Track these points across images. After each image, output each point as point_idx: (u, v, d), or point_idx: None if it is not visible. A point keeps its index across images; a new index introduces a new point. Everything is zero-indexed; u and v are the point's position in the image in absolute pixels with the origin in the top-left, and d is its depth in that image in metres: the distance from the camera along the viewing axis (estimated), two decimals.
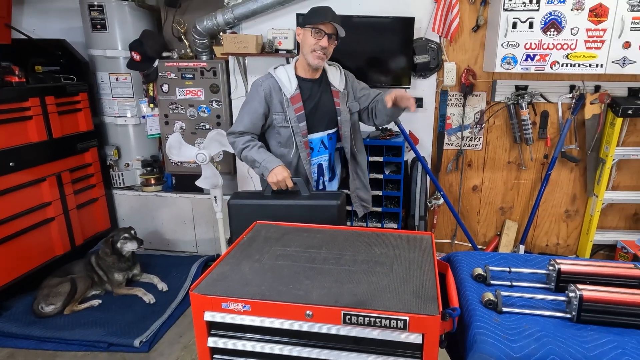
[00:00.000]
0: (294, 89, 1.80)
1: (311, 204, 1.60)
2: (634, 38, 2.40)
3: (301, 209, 1.58)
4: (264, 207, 1.60)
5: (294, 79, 1.82)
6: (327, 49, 1.73)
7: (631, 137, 2.88)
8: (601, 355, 0.92)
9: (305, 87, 1.84)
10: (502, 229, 3.19)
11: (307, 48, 1.75)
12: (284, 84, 1.80)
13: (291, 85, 1.80)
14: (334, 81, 1.89)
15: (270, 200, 1.63)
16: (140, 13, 3.37)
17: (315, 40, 1.71)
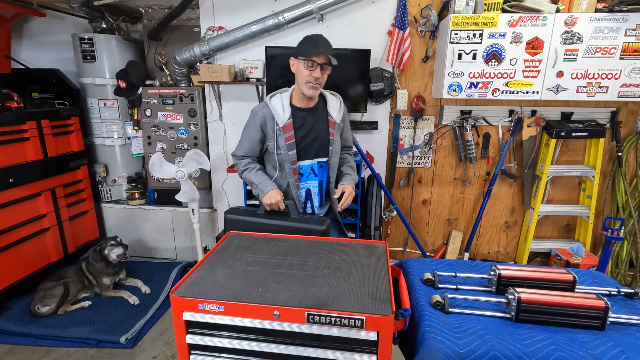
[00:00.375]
0: (287, 118, 1.75)
1: (299, 226, 1.60)
2: (566, 68, 2.49)
3: (290, 230, 1.59)
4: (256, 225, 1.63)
5: (287, 108, 1.76)
6: (320, 79, 1.68)
7: (564, 157, 3.03)
8: (537, 351, 0.95)
9: (299, 116, 1.79)
10: (448, 238, 3.29)
11: (301, 79, 1.71)
12: (278, 113, 1.75)
13: (284, 114, 1.75)
14: (333, 111, 1.83)
15: (263, 219, 1.66)
16: (125, 45, 3.47)
17: (309, 71, 1.66)
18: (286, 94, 1.82)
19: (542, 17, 2.44)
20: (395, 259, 3.31)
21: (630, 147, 2.96)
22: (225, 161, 3.38)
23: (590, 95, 2.55)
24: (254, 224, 1.66)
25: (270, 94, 1.86)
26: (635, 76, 2.50)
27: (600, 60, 2.49)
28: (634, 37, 2.43)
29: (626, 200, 3.00)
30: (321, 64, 1.66)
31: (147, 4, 3.32)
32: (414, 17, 2.87)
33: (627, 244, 3.02)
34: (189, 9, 3.11)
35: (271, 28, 2.91)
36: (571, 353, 0.95)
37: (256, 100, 3.17)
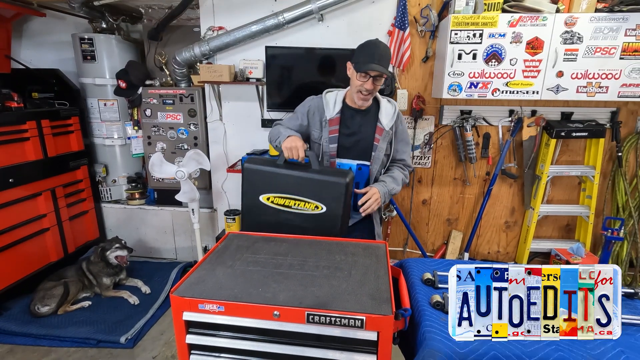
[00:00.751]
0: (335, 113, 1.75)
1: (320, 178, 1.46)
2: (566, 68, 2.48)
3: (310, 182, 1.46)
4: (275, 176, 1.50)
5: (339, 104, 1.77)
6: (372, 90, 1.66)
7: (564, 157, 3.02)
8: (537, 351, 0.95)
9: (348, 114, 1.77)
10: (448, 238, 3.29)
11: (353, 87, 1.70)
12: (329, 106, 1.76)
13: (334, 108, 1.76)
14: (384, 118, 1.77)
15: (282, 170, 1.51)
16: (125, 45, 3.48)
17: (361, 82, 1.64)
18: (342, 92, 1.82)
19: (542, 17, 2.44)
20: (395, 259, 3.30)
21: (630, 147, 2.96)
22: (225, 161, 3.39)
23: (590, 95, 2.55)
24: (272, 174, 1.52)
25: (328, 89, 1.86)
26: (635, 76, 2.50)
27: (600, 60, 2.49)
28: (634, 37, 2.43)
29: (626, 200, 3.00)
30: (374, 76, 1.63)
31: (147, 4, 3.33)
32: (414, 17, 2.88)
33: (627, 244, 3.02)
34: (189, 9, 3.12)
35: (271, 28, 2.92)
36: (571, 353, 0.95)
37: (256, 100, 3.18)
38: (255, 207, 1.56)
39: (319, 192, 1.48)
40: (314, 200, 1.49)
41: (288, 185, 1.50)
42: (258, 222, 1.56)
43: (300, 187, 1.49)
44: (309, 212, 1.50)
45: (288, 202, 1.52)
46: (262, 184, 1.53)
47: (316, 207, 1.49)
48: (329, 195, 1.47)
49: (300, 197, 1.50)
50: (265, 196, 1.54)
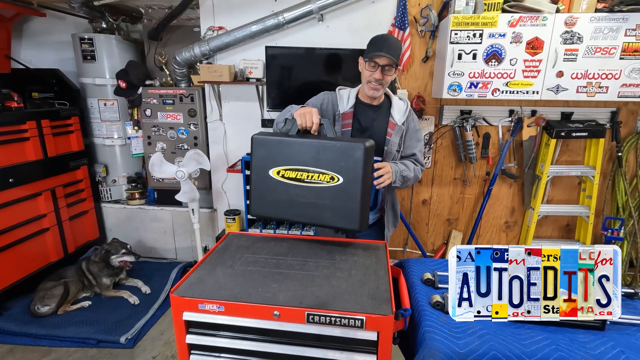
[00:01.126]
0: (349, 107, 1.75)
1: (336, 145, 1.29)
2: (566, 68, 2.48)
3: (325, 150, 1.29)
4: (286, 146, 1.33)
5: (353, 98, 1.77)
6: (381, 80, 1.63)
7: (564, 157, 3.02)
8: (537, 351, 0.95)
9: (361, 109, 1.77)
10: (448, 238, 3.29)
11: (364, 79, 1.69)
12: (343, 100, 1.77)
13: (348, 103, 1.76)
14: (396, 113, 1.77)
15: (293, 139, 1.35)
16: (125, 45, 3.48)
17: (370, 72, 1.63)
18: (355, 89, 1.82)
19: (542, 17, 2.44)
20: (395, 259, 3.29)
21: (630, 147, 2.96)
22: (225, 161, 3.39)
23: (590, 95, 2.55)
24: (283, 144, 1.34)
25: (340, 86, 1.85)
26: (635, 76, 2.50)
27: (600, 61, 2.49)
28: (634, 37, 2.43)
29: (626, 200, 3.00)
30: (383, 66, 1.60)
31: (147, 4, 3.33)
32: (414, 17, 2.88)
33: (627, 244, 3.02)
34: (189, 9, 3.12)
35: (271, 28, 2.92)
36: (571, 353, 0.95)
37: (256, 100, 3.18)
38: (264, 184, 1.38)
39: (335, 161, 1.29)
40: (329, 171, 1.29)
41: (300, 155, 1.32)
42: (267, 201, 1.40)
43: (314, 157, 1.31)
44: (324, 185, 1.30)
45: (300, 175, 1.33)
46: (272, 157, 1.35)
47: (332, 178, 1.30)
48: (346, 163, 1.27)
49: (314, 168, 1.31)
50: (274, 170, 1.35)
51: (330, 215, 1.32)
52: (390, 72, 1.64)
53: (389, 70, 1.62)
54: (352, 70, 2.84)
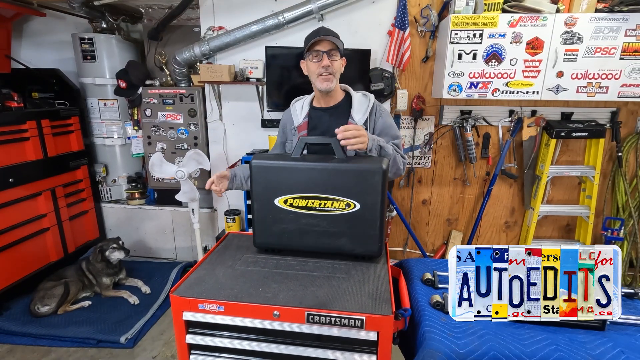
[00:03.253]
0: (302, 118, 1.64)
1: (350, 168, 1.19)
2: (566, 68, 2.49)
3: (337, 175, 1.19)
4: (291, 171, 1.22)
5: (306, 108, 1.66)
6: (331, 66, 1.49)
7: (564, 157, 3.03)
8: (537, 351, 0.95)
9: (315, 116, 1.64)
10: (448, 238, 3.29)
11: (313, 76, 1.55)
12: (296, 114, 1.67)
13: (301, 115, 1.66)
14: (356, 113, 1.59)
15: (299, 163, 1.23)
16: (125, 45, 3.48)
17: (317, 64, 1.50)
18: (309, 96, 1.71)
19: (542, 17, 2.44)
20: (395, 259, 3.28)
21: (630, 147, 2.96)
22: (225, 161, 3.38)
23: (590, 95, 2.55)
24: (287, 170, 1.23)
25: (296, 98, 1.76)
26: (635, 76, 2.50)
27: (600, 61, 2.49)
28: (634, 37, 2.44)
29: (626, 201, 3.00)
30: (327, 51, 1.48)
31: (147, 4, 3.33)
32: (414, 17, 2.88)
33: (627, 244, 3.02)
34: (189, 9, 3.11)
35: (271, 28, 2.92)
36: (571, 353, 0.95)
37: (256, 100, 3.18)
38: (269, 213, 1.27)
39: (350, 186, 1.19)
40: (344, 197, 1.20)
41: (310, 182, 1.22)
42: (274, 232, 1.29)
43: (326, 182, 1.21)
44: (339, 213, 1.22)
45: (311, 203, 1.23)
46: (276, 184, 1.24)
47: (347, 204, 1.21)
48: (363, 188, 1.19)
49: (326, 194, 1.21)
50: (281, 199, 1.25)
51: (348, 243, 1.25)
52: (337, 57, 1.52)
53: (334, 55, 1.50)
54: (352, 70, 2.83)
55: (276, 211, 1.26)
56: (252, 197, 1.29)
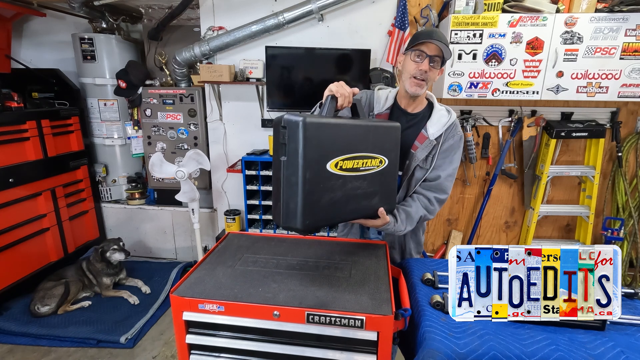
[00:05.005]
0: (385, 109, 1.55)
1: (377, 124, 1.22)
2: (566, 68, 2.48)
3: (373, 133, 1.19)
4: (341, 129, 1.12)
5: (390, 100, 1.56)
6: (428, 72, 1.39)
7: (564, 157, 3.02)
8: (537, 351, 0.94)
9: (396, 114, 1.55)
10: (448, 238, 3.28)
11: (405, 74, 1.45)
12: (380, 101, 1.56)
13: (385, 104, 1.55)
14: (432, 126, 1.49)
15: (344, 121, 1.17)
16: (125, 45, 3.48)
17: (415, 64, 1.40)
18: (394, 91, 1.60)
19: (542, 17, 2.43)
20: None
21: (630, 147, 2.96)
22: (225, 161, 3.39)
23: (590, 95, 2.55)
24: (339, 128, 1.12)
25: (380, 86, 1.66)
26: (635, 76, 2.50)
27: (600, 61, 2.48)
28: (634, 37, 2.43)
29: (626, 201, 3.00)
30: (431, 56, 1.38)
31: (147, 4, 3.33)
32: (414, 17, 2.87)
33: (627, 244, 3.02)
34: (189, 9, 3.12)
35: (271, 28, 2.92)
36: (571, 353, 0.95)
37: (256, 100, 3.18)
38: (321, 183, 1.08)
39: (381, 143, 1.21)
40: (377, 154, 1.22)
41: (355, 140, 1.15)
42: (323, 206, 1.10)
43: (365, 140, 1.17)
44: (375, 171, 1.22)
45: (357, 164, 1.15)
46: (328, 146, 1.08)
47: (380, 161, 1.23)
48: (389, 145, 1.25)
49: (366, 152, 1.19)
50: (332, 162, 1.09)
51: (378, 202, 1.27)
52: (437, 66, 1.41)
53: (436, 62, 1.40)
54: (352, 70, 2.91)
55: (327, 178, 1.09)
56: (300, 165, 1.03)
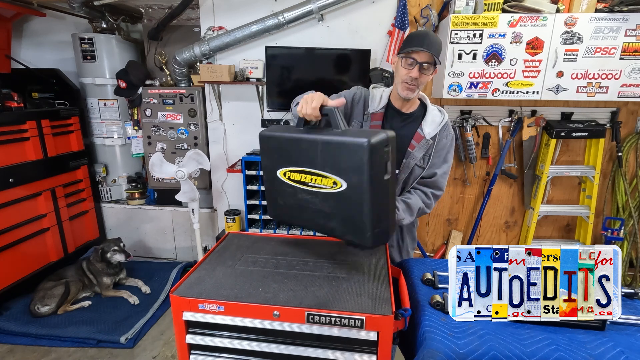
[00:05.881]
0: (380, 108, 1.57)
1: (338, 140, 1.05)
2: (566, 68, 2.48)
3: (327, 148, 1.07)
4: (291, 142, 1.16)
5: (385, 99, 1.58)
6: (417, 80, 1.43)
7: (563, 157, 3.02)
8: (537, 351, 0.94)
9: (390, 114, 1.58)
10: (448, 238, 3.28)
11: (397, 78, 1.50)
12: (374, 100, 1.58)
13: (380, 103, 1.57)
14: (427, 125, 1.55)
15: (299, 134, 1.15)
16: (125, 45, 3.48)
17: (406, 70, 1.43)
18: (388, 89, 1.62)
19: (542, 17, 2.44)
20: None
21: (630, 147, 2.96)
22: (225, 161, 3.39)
23: (590, 95, 2.55)
24: (288, 141, 1.17)
25: (373, 85, 1.68)
26: (635, 76, 2.50)
27: (600, 61, 2.49)
28: (634, 37, 2.43)
29: (626, 201, 3.00)
30: (421, 63, 1.41)
31: (147, 4, 3.33)
32: (414, 17, 2.87)
33: (627, 244, 3.02)
34: (189, 9, 3.12)
35: (271, 28, 2.92)
36: (571, 353, 0.94)
37: (256, 100, 3.18)
38: (274, 185, 1.24)
39: (336, 162, 1.06)
40: (331, 174, 1.08)
41: (304, 154, 1.12)
42: (280, 205, 1.27)
43: (317, 156, 1.10)
44: (328, 191, 1.10)
45: (304, 178, 1.15)
46: (279, 155, 1.19)
47: (335, 183, 1.08)
48: (349, 164, 1.04)
49: (316, 169, 1.11)
50: (281, 171, 1.20)
51: (339, 226, 1.15)
52: (429, 71, 1.44)
53: (427, 68, 1.43)
54: (352, 70, 2.91)
55: (278, 183, 1.22)
56: (262, 167, 1.30)
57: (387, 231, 1.15)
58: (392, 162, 1.09)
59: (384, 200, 1.10)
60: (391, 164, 1.09)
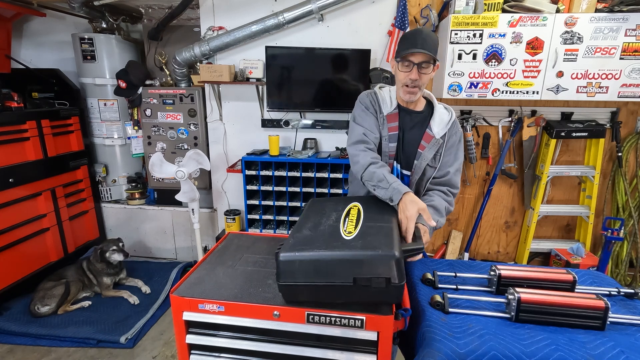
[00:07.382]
0: (393, 108, 1.54)
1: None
2: (566, 68, 2.48)
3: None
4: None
5: (395, 99, 1.56)
6: (418, 80, 1.42)
7: (564, 157, 3.02)
8: (537, 351, 0.94)
9: (402, 114, 1.56)
10: (448, 238, 3.27)
11: (398, 83, 1.50)
12: (385, 101, 1.55)
13: (391, 104, 1.55)
14: (435, 125, 1.53)
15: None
16: (126, 45, 3.48)
17: (405, 73, 1.42)
18: (394, 88, 1.60)
19: (542, 17, 2.44)
20: None
21: (630, 147, 2.96)
22: (225, 161, 3.39)
23: (590, 95, 2.55)
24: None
25: (379, 84, 1.66)
26: (635, 76, 2.50)
27: (600, 61, 2.48)
28: (634, 37, 2.43)
29: (626, 200, 3.00)
30: (418, 64, 1.40)
31: (147, 4, 3.33)
32: (414, 17, 2.88)
33: (627, 244, 3.02)
34: (189, 9, 3.12)
35: (271, 28, 2.92)
36: (571, 353, 0.95)
37: (256, 100, 3.18)
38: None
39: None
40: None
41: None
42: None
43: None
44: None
45: None
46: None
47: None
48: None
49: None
50: None
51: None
52: (428, 70, 1.42)
53: (426, 67, 1.41)
54: (352, 70, 2.91)
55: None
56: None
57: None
58: None
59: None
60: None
